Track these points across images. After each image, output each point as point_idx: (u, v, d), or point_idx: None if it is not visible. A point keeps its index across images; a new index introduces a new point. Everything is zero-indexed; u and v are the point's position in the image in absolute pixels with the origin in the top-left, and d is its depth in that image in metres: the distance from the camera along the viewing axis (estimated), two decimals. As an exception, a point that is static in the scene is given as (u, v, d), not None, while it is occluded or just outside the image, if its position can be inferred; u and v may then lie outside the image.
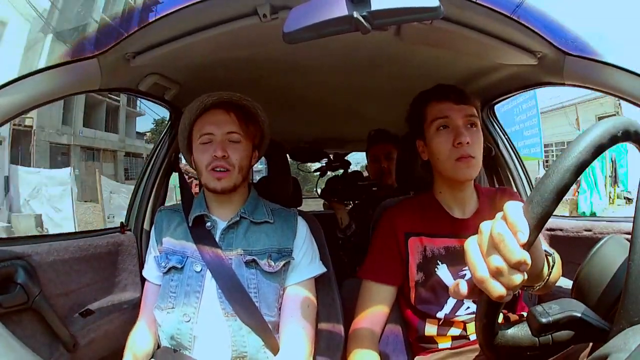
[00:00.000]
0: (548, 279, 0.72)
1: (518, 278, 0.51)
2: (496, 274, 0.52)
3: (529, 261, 0.51)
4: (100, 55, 1.13)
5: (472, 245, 0.56)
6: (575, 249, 1.40)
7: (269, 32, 1.06)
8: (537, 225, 0.53)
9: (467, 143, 1.15)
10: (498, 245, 0.52)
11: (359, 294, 1.26)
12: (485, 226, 0.55)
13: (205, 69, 1.42)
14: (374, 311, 1.21)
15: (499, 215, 0.55)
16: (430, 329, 1.22)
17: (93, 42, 1.16)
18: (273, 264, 1.21)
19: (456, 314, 1.19)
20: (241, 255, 1.21)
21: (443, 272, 1.21)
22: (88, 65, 1.12)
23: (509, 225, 0.52)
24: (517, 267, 0.51)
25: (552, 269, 0.74)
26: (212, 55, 1.30)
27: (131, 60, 1.19)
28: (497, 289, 0.52)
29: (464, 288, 0.58)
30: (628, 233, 0.56)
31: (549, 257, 0.74)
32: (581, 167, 0.53)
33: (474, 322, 0.70)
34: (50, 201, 10.50)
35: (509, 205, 0.54)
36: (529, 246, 0.52)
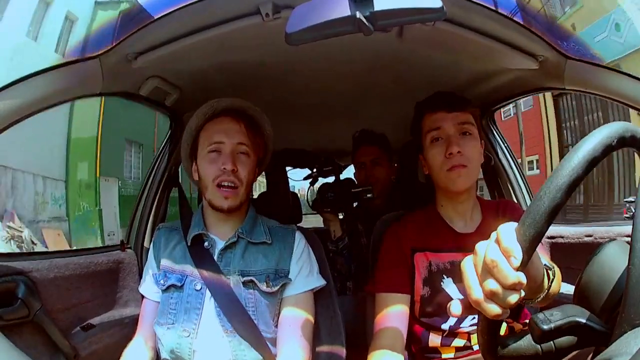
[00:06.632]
0: (548, 292, 0.73)
1: (514, 298, 0.52)
2: (491, 296, 0.53)
3: (524, 281, 0.52)
4: (102, 56, 1.12)
5: (468, 266, 0.57)
6: (576, 255, 1.40)
7: (271, 32, 1.06)
8: (530, 247, 0.53)
9: (458, 152, 1.15)
10: (492, 270, 0.53)
11: (375, 308, 1.22)
12: (480, 247, 0.56)
13: (206, 73, 1.41)
14: (396, 319, 1.18)
15: (493, 236, 0.55)
16: (434, 340, 1.21)
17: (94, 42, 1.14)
18: (271, 284, 1.20)
19: (460, 326, 1.19)
20: (239, 275, 1.20)
21: (449, 286, 1.20)
22: (90, 66, 1.12)
23: (502, 250, 0.53)
24: (512, 288, 0.52)
25: (551, 282, 0.74)
26: (214, 57, 1.29)
27: (133, 62, 1.18)
28: (492, 310, 0.53)
29: (457, 309, 0.60)
30: (629, 236, 0.56)
31: (549, 270, 0.74)
32: (574, 185, 0.53)
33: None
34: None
35: (501, 229, 0.55)
36: (523, 267, 0.52)
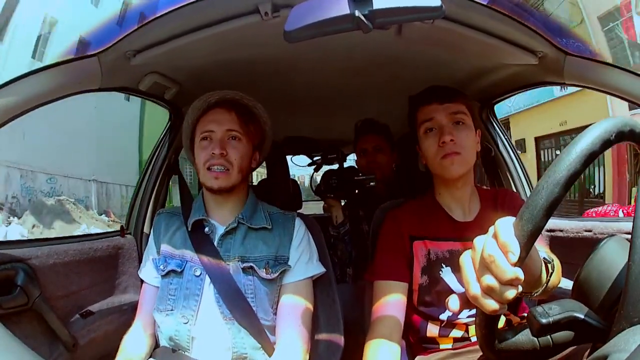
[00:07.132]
0: (546, 286, 0.72)
1: (511, 293, 0.52)
2: (488, 291, 0.54)
3: (521, 276, 0.52)
4: (101, 54, 1.13)
5: (466, 262, 0.57)
6: (575, 249, 1.40)
7: (270, 31, 1.06)
8: (528, 242, 0.53)
9: (451, 141, 1.16)
10: (489, 266, 0.53)
11: (373, 296, 1.22)
12: (478, 242, 0.56)
13: (205, 69, 1.41)
14: (394, 308, 1.18)
15: (490, 231, 0.55)
16: (432, 330, 1.22)
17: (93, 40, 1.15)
18: (270, 271, 1.21)
19: (458, 316, 1.19)
20: (239, 261, 1.21)
21: (447, 275, 1.20)
22: (88, 64, 1.12)
23: (499, 245, 0.53)
24: (509, 284, 0.52)
25: (550, 276, 0.73)
26: (213, 54, 1.29)
27: (131, 59, 1.19)
28: (490, 305, 0.54)
29: (455, 304, 0.60)
30: (628, 233, 0.55)
31: (547, 264, 0.73)
32: (572, 179, 0.53)
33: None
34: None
35: (499, 223, 0.55)
36: (520, 262, 0.52)
